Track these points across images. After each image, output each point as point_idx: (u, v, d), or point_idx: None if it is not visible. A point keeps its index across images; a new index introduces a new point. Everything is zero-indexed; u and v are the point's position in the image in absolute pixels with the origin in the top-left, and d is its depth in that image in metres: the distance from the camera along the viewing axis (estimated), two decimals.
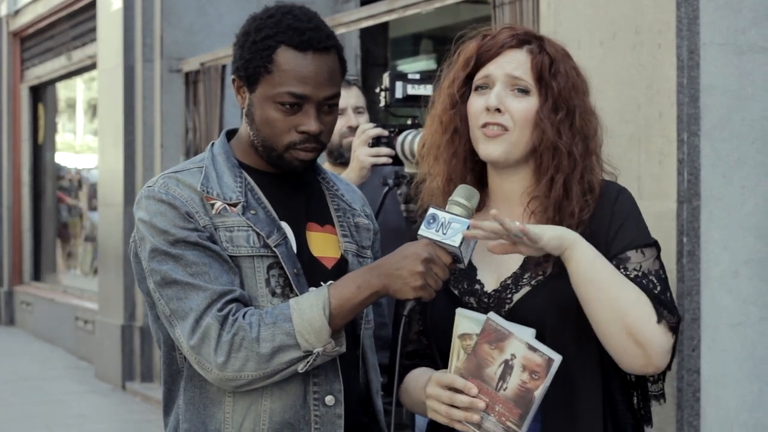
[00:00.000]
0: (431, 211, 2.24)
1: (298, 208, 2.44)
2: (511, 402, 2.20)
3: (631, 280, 2.26)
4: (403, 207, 3.71)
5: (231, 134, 2.50)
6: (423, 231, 2.23)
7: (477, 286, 2.36)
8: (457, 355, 2.27)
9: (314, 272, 2.39)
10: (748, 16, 4.27)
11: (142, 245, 2.33)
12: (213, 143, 2.47)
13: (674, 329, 2.24)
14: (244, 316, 2.25)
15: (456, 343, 2.28)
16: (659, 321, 2.22)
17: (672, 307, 2.26)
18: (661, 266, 2.31)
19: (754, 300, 4.28)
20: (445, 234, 2.21)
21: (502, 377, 2.21)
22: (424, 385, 2.31)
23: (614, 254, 2.28)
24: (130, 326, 9.62)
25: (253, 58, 2.34)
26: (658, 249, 2.33)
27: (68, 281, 13.17)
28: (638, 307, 2.22)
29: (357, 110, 4.13)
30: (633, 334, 2.21)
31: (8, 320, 13.95)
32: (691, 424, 4.19)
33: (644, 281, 2.27)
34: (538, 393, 2.19)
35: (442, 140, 2.42)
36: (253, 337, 2.22)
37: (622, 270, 2.27)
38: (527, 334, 2.21)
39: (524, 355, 2.19)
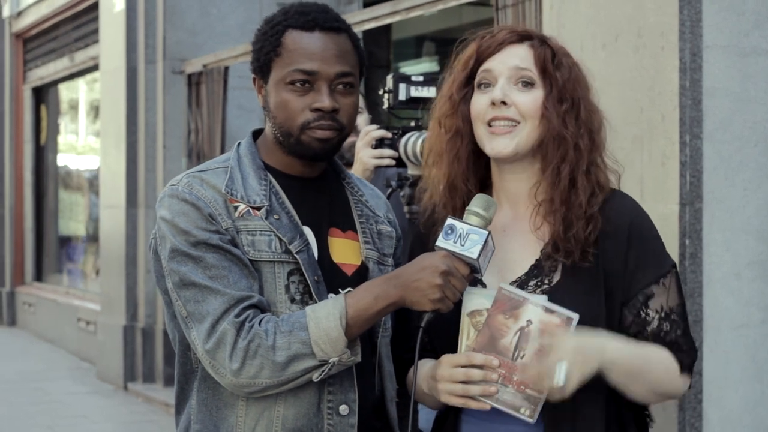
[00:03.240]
0: (449, 221, 2.22)
1: (321, 212, 2.42)
2: None
3: (654, 328, 2.29)
4: (406, 209, 3.71)
5: (256, 134, 2.48)
6: (441, 242, 2.21)
7: (479, 287, 2.35)
8: (467, 334, 2.27)
9: (334, 278, 2.37)
10: (751, 19, 4.28)
11: (162, 244, 2.32)
12: (239, 143, 2.45)
13: (692, 368, 2.34)
14: (260, 323, 2.23)
15: (465, 322, 2.27)
16: (682, 371, 2.32)
17: (690, 347, 2.33)
18: (680, 290, 2.34)
19: (757, 302, 4.28)
20: (463, 245, 2.20)
21: (518, 345, 2.21)
22: (424, 375, 2.31)
23: (638, 290, 2.30)
24: (132, 327, 9.63)
25: (263, 46, 2.35)
26: (675, 269, 2.35)
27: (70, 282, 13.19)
28: (666, 375, 2.31)
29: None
30: (661, 395, 2.34)
31: (10, 321, 13.95)
32: (693, 426, 4.19)
33: (666, 324, 2.30)
34: None
35: (444, 142, 2.39)
36: (269, 344, 2.21)
37: (643, 309, 2.29)
38: (541, 299, 2.22)
39: (541, 318, 2.19)
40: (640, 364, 2.26)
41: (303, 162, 2.40)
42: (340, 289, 2.35)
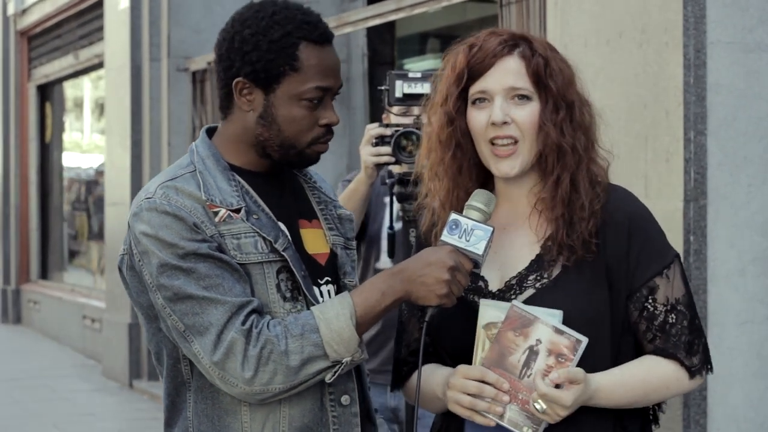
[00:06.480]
0: (453, 216, 2.23)
1: (289, 206, 2.39)
2: None
3: (660, 321, 2.29)
4: (398, 206, 3.70)
5: (209, 132, 2.42)
6: (446, 237, 2.22)
7: (481, 283, 2.35)
8: (483, 346, 2.27)
9: (313, 271, 2.35)
10: (755, 15, 4.27)
11: (145, 259, 2.24)
12: (195, 145, 2.38)
13: (705, 366, 2.35)
14: (268, 328, 2.20)
15: (481, 334, 2.27)
16: (692, 377, 2.33)
17: (697, 346, 2.32)
18: (684, 280, 2.34)
19: (761, 298, 4.28)
20: (468, 241, 2.21)
21: (526, 364, 2.21)
22: (440, 380, 2.31)
23: (642, 283, 2.30)
24: (137, 324, 9.63)
25: (275, 57, 2.28)
26: (678, 258, 2.35)
27: (75, 280, 13.20)
28: (668, 391, 2.33)
29: None
30: (666, 399, 2.38)
31: (16, 319, 13.97)
32: (698, 423, 4.19)
33: (672, 316, 2.30)
34: None
35: (446, 157, 2.38)
36: (282, 350, 2.18)
37: (648, 303, 2.29)
38: (554, 316, 2.22)
39: (550, 339, 2.20)
40: (638, 394, 2.29)
41: (272, 163, 2.36)
42: (318, 280, 2.34)
